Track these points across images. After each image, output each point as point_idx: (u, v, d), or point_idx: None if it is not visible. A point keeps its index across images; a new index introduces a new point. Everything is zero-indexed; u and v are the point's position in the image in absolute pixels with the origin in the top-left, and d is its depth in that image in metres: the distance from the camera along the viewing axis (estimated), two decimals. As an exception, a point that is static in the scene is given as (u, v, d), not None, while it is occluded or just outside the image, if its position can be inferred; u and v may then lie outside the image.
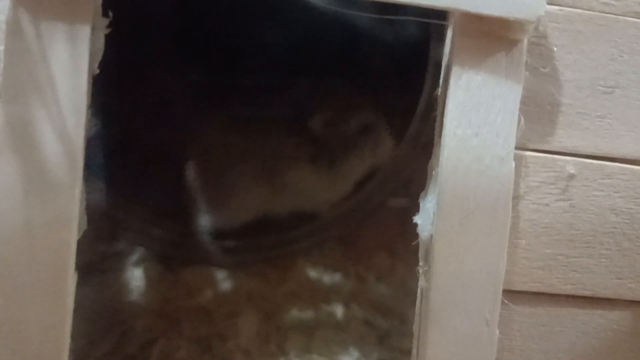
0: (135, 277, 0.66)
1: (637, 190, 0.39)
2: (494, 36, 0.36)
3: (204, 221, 0.70)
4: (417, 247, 0.79)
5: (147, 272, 0.67)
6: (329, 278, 0.73)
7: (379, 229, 0.78)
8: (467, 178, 0.37)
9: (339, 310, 0.68)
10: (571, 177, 0.39)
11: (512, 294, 0.39)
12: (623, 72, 0.39)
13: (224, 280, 0.69)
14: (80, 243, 0.34)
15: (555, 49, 0.38)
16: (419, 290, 0.40)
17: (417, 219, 0.39)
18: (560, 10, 0.38)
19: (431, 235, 0.38)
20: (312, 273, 0.74)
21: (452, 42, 0.37)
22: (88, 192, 0.35)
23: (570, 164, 0.39)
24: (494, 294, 0.38)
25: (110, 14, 0.35)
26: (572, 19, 0.38)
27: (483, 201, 0.37)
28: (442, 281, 0.37)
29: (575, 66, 0.38)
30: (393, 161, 0.73)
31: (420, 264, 0.39)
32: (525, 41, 0.37)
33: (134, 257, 0.68)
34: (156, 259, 0.68)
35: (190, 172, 0.69)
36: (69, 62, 0.33)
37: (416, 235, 0.83)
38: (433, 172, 0.39)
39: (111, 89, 0.45)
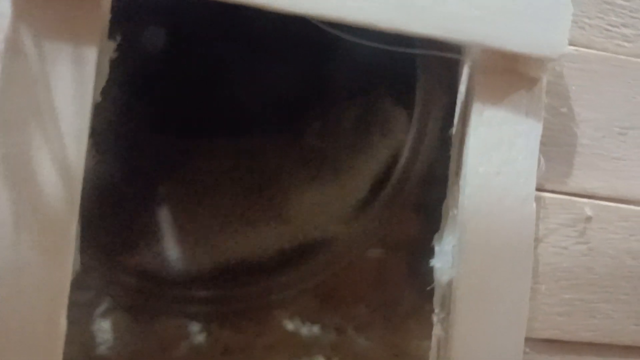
0: (103, 330, 0.61)
1: (653, 233, 0.39)
2: (515, 73, 0.36)
3: (176, 265, 0.66)
4: (394, 299, 0.77)
5: (115, 324, 0.62)
6: (307, 330, 0.70)
7: (354, 280, 0.76)
8: (490, 219, 0.35)
9: (321, 364, 0.65)
10: (589, 219, 0.38)
11: (532, 342, 0.37)
12: (637, 113, 0.39)
13: (198, 333, 0.65)
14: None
15: (573, 88, 0.37)
16: (433, 340, 0.37)
17: (434, 262, 0.37)
18: (576, 50, 0.38)
19: (451, 280, 0.36)
20: (290, 325, 0.70)
21: (471, 77, 0.36)
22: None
23: (587, 206, 0.38)
24: (517, 342, 0.36)
25: (118, 37, 0.32)
26: (588, 59, 0.38)
27: (505, 243, 0.35)
28: (464, 330, 0.35)
29: (591, 106, 0.38)
30: (373, 214, 0.71)
31: (436, 310, 0.37)
32: (545, 80, 0.36)
33: (101, 308, 0.63)
34: (125, 310, 0.64)
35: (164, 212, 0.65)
36: (72, 85, 0.30)
37: (392, 287, 0.80)
38: (450, 213, 0.37)
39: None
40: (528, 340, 0.36)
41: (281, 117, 0.69)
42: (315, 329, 0.70)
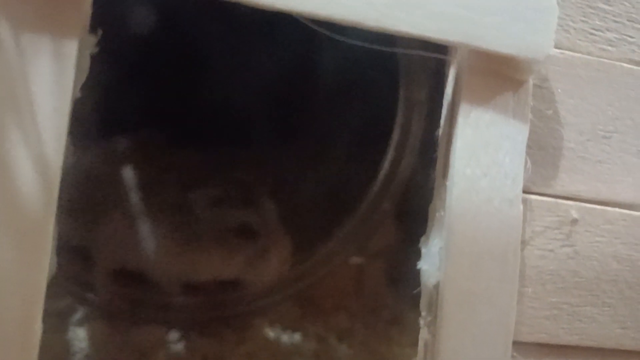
0: (79, 338, 0.59)
1: (637, 236, 0.39)
2: (502, 75, 0.35)
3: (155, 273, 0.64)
4: (375, 306, 0.76)
5: (91, 333, 0.60)
6: (288, 338, 0.69)
7: (334, 288, 0.75)
8: (477, 220, 0.35)
9: (303, 372, 0.64)
10: (574, 222, 0.38)
11: (519, 346, 0.36)
12: (620, 117, 0.39)
13: (177, 342, 0.64)
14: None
15: (558, 91, 0.37)
16: (420, 343, 0.37)
17: (421, 264, 0.36)
18: (561, 53, 0.38)
19: (437, 282, 0.35)
20: (271, 333, 0.69)
21: (458, 78, 0.36)
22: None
23: (573, 209, 0.38)
24: (505, 346, 0.35)
25: (99, 31, 0.31)
26: (573, 63, 0.38)
27: (493, 245, 0.35)
28: (451, 332, 0.34)
29: (576, 110, 0.38)
30: (355, 222, 0.70)
31: (423, 314, 0.37)
32: (531, 82, 0.36)
33: (77, 315, 0.62)
34: (102, 317, 0.62)
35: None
36: (52, 80, 0.29)
37: (373, 294, 0.80)
38: (436, 215, 0.36)
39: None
40: (515, 344, 0.36)
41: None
42: (297, 337, 0.69)
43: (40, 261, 0.30)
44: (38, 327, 0.29)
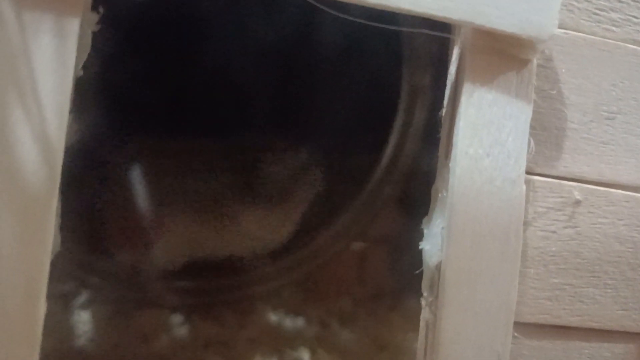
0: (83, 321, 0.60)
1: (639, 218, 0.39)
2: (505, 54, 0.35)
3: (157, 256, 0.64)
4: (377, 292, 0.76)
5: (96, 316, 0.61)
6: (291, 323, 0.70)
7: (337, 273, 0.75)
8: (479, 200, 0.35)
9: (305, 356, 0.64)
10: (577, 203, 0.38)
11: (521, 326, 0.37)
12: (624, 98, 0.39)
13: (179, 326, 0.64)
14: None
15: (561, 71, 0.37)
16: (422, 324, 0.37)
17: (423, 244, 0.36)
18: (565, 33, 0.38)
19: (439, 262, 0.35)
20: (273, 318, 0.70)
21: (462, 57, 0.35)
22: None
23: (576, 190, 0.38)
24: (506, 325, 0.35)
25: (101, 9, 0.31)
26: (577, 43, 0.38)
27: (495, 225, 0.35)
28: (453, 312, 0.35)
29: (579, 91, 0.38)
30: (355, 208, 0.70)
31: (425, 294, 0.37)
32: (535, 62, 0.36)
33: (81, 298, 0.62)
34: (105, 301, 0.62)
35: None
36: (54, 57, 0.29)
37: (375, 280, 0.80)
38: (439, 195, 0.36)
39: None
40: (517, 324, 0.36)
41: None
42: (299, 321, 0.70)
43: (44, 239, 0.30)
44: (42, 304, 0.30)
